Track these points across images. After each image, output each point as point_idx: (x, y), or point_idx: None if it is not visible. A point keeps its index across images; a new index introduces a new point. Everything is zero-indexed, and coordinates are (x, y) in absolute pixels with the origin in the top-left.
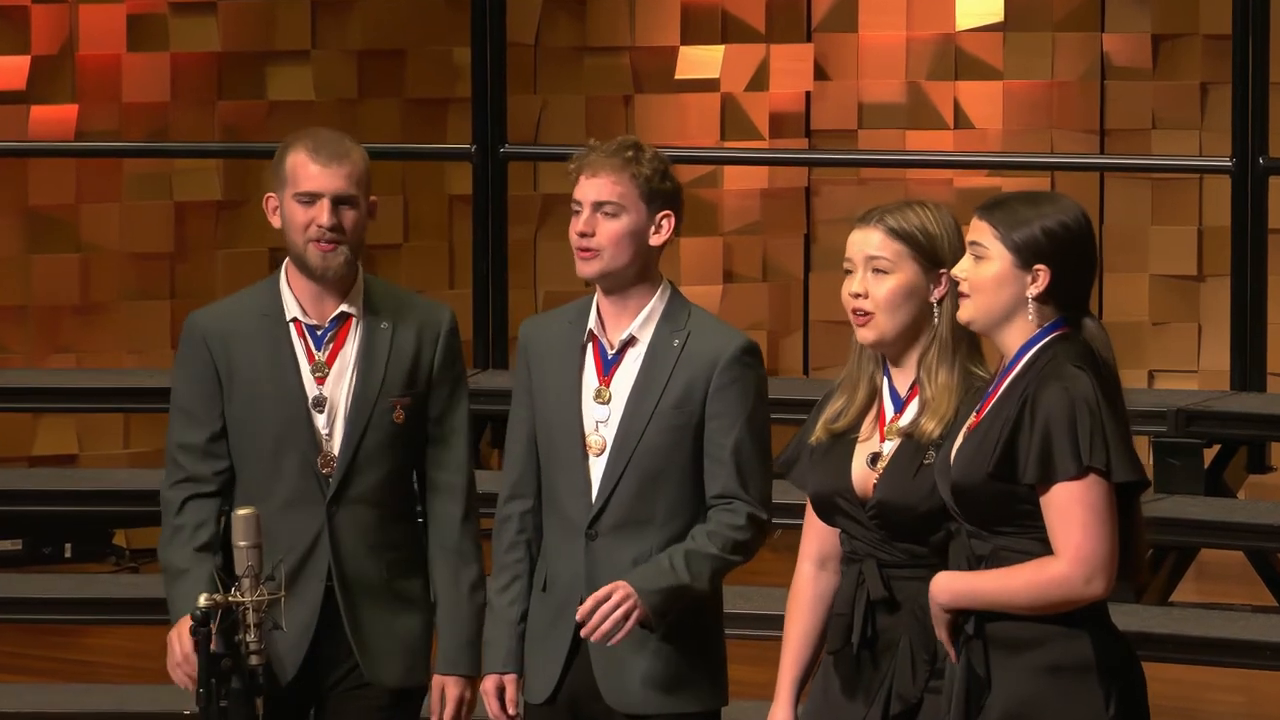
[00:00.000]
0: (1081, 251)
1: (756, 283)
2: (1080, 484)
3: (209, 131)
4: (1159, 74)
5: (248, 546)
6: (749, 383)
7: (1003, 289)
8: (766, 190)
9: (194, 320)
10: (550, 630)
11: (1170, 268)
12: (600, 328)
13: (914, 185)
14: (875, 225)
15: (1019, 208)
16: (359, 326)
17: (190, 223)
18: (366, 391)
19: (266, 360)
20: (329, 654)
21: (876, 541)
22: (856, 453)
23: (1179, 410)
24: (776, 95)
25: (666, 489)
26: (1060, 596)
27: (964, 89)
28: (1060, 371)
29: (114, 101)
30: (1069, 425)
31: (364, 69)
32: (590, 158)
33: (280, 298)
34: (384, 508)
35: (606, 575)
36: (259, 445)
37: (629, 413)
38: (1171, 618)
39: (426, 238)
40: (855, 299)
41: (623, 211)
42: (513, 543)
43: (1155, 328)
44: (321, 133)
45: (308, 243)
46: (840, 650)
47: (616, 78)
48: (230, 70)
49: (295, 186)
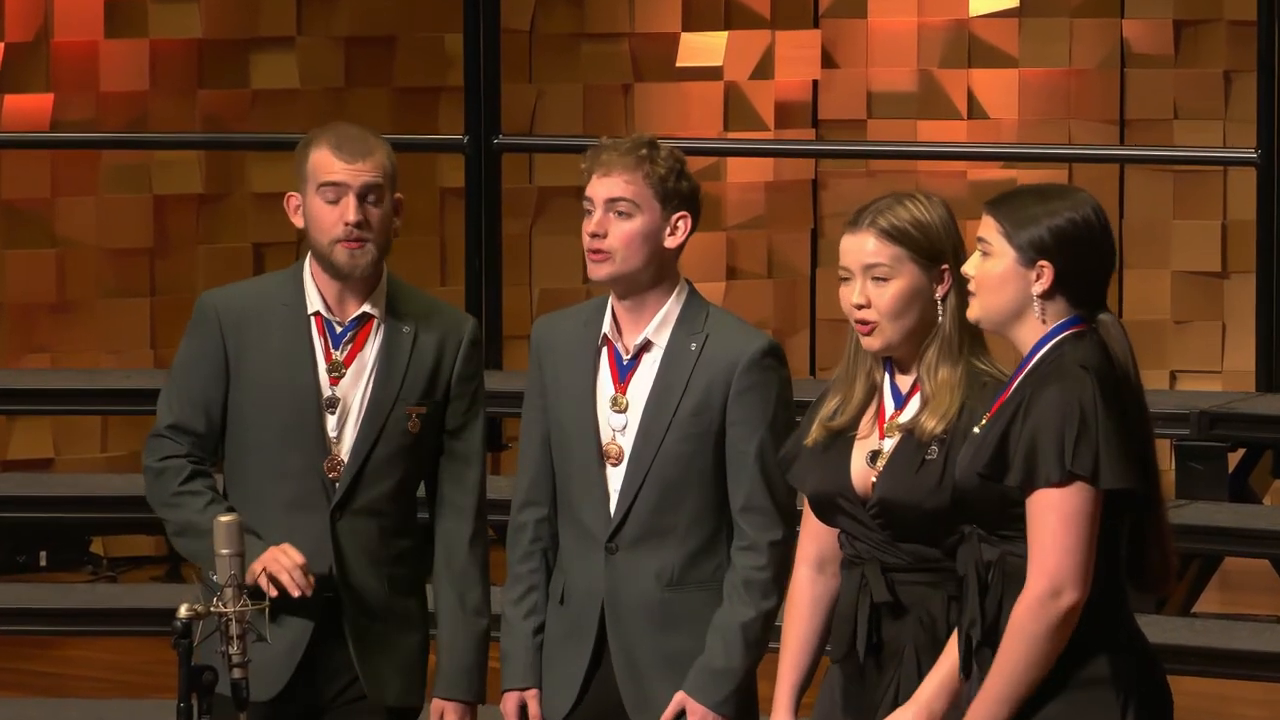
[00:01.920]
0: (1091, 248)
1: (761, 280)
2: (1061, 491)
3: (190, 121)
4: (1181, 61)
5: (230, 554)
6: (770, 386)
7: (1006, 286)
8: (772, 183)
9: (209, 298)
10: (568, 643)
11: (1193, 264)
12: (615, 332)
13: (925, 178)
14: (867, 229)
15: (1027, 203)
16: (380, 328)
17: (170, 217)
18: (383, 396)
19: (281, 351)
20: (328, 666)
21: (879, 543)
22: (855, 451)
23: (1202, 412)
24: (782, 84)
25: (688, 499)
26: (1045, 624)
27: (978, 77)
28: (1061, 373)
29: (91, 90)
30: (1058, 429)
31: (352, 56)
32: (603, 155)
33: (303, 289)
34: (387, 519)
35: (628, 589)
36: (263, 440)
37: (647, 421)
38: (1194, 629)
39: (417, 233)
40: (858, 309)
41: (636, 211)
42: (527, 552)
43: (1177, 326)
44: (345, 127)
45: (334, 243)
46: (844, 659)
47: (615, 66)
48: (212, 58)
49: (319, 181)
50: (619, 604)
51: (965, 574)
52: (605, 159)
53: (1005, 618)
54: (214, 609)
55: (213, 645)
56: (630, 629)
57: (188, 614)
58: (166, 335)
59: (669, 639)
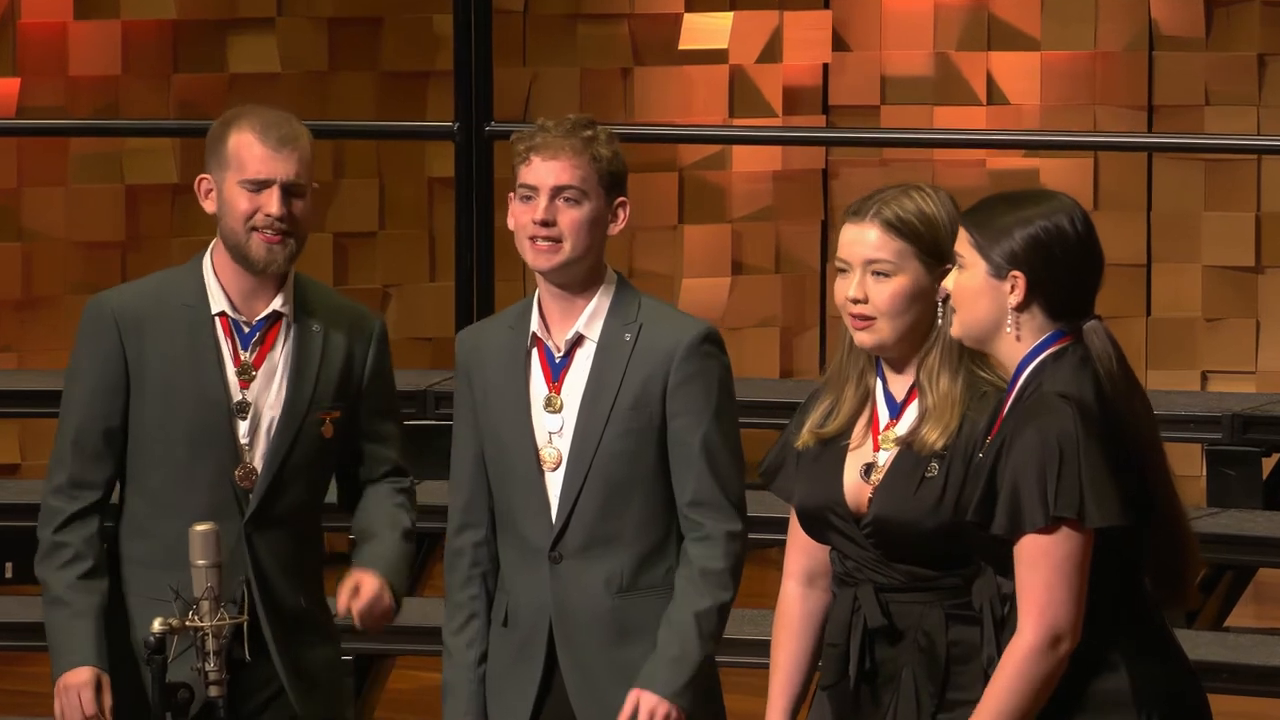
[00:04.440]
0: (1071, 256)
1: (768, 275)
2: (1048, 537)
3: (164, 108)
4: (1213, 44)
5: (207, 566)
6: (711, 374)
7: (981, 300)
8: (779, 173)
9: (103, 300)
10: (515, 667)
11: (1225, 258)
12: (544, 329)
13: (942, 167)
14: (871, 220)
15: (998, 211)
16: (290, 328)
17: (143, 208)
18: (297, 401)
19: (184, 355)
20: (245, 684)
21: (872, 562)
22: (848, 462)
23: (1235, 415)
24: (791, 67)
25: (633, 500)
26: (1045, 671)
27: (998, 60)
28: (1040, 408)
29: (59, 75)
30: (1038, 474)
31: (335, 38)
32: (543, 138)
33: (205, 288)
34: (300, 528)
35: (576, 599)
36: (170, 451)
37: (583, 419)
38: (1226, 644)
39: (404, 225)
40: (854, 304)
41: (584, 198)
42: (467, 577)
43: (1208, 324)
44: (267, 112)
45: (250, 231)
46: (835, 685)
47: (614, 49)
48: (187, 40)
49: (241, 172)
50: (567, 616)
51: (980, 608)
52: (549, 142)
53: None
54: (190, 623)
55: (188, 661)
56: (581, 641)
57: (162, 628)
58: None
59: (623, 649)
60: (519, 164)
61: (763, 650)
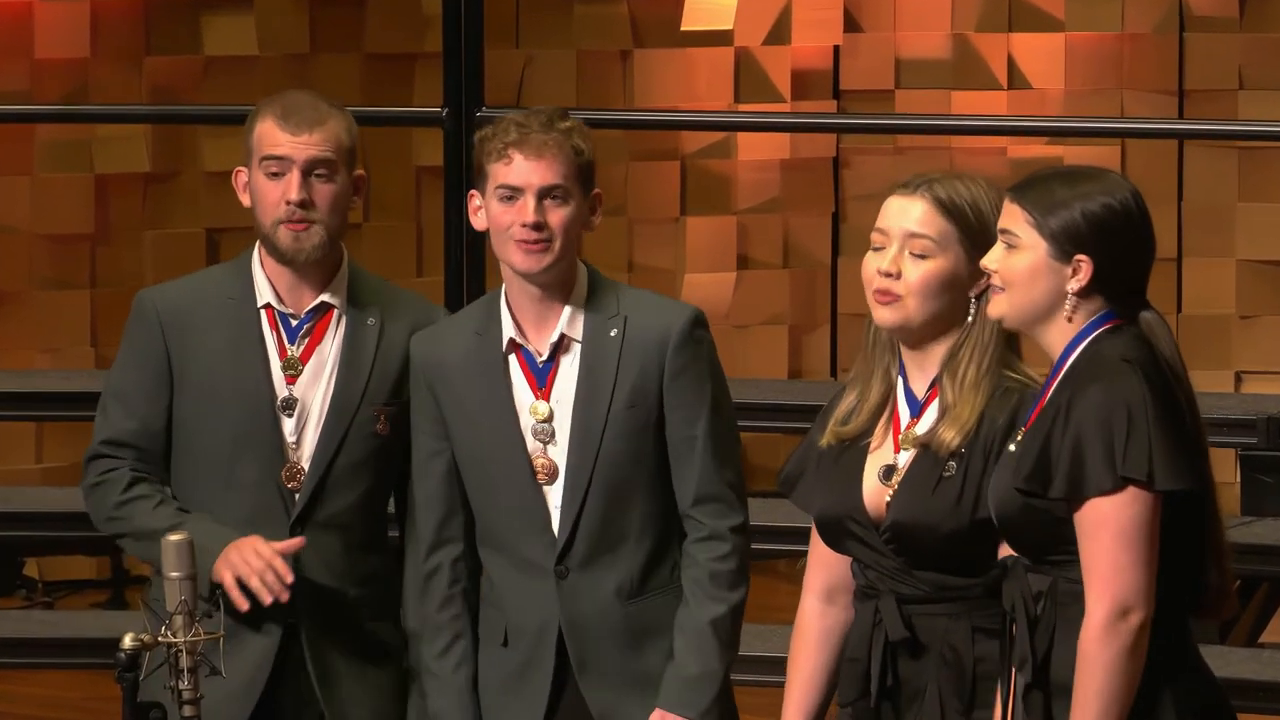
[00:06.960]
0: (1131, 237)
1: (776, 269)
2: (1114, 499)
3: (135, 92)
4: (1247, 25)
5: (180, 578)
6: (703, 360)
7: (1038, 283)
8: (788, 161)
9: (147, 297)
10: (521, 684)
11: (1260, 252)
12: (520, 334)
13: (960, 155)
14: (921, 195)
15: (1055, 188)
16: (341, 320)
17: (114, 199)
18: (347, 396)
19: (228, 350)
20: (288, 702)
21: (894, 571)
22: (868, 465)
23: (1270, 418)
24: (800, 49)
25: (636, 503)
26: (1118, 647)
27: (1019, 42)
28: (1101, 370)
29: (24, 57)
30: (1104, 431)
31: (316, 18)
32: (524, 134)
33: (252, 281)
34: (354, 534)
35: (588, 613)
36: (212, 451)
37: (579, 426)
38: (1261, 661)
39: (390, 216)
40: (884, 277)
41: (569, 196)
42: (447, 597)
43: (1243, 321)
44: (296, 95)
45: (276, 224)
46: (855, 702)
47: (612, 29)
48: (159, 20)
49: (261, 155)
50: (579, 629)
51: (1012, 607)
52: (532, 140)
53: (1058, 651)
54: (162, 639)
55: (161, 679)
56: (598, 652)
57: (133, 644)
58: (109, 332)
59: (640, 655)
60: (495, 161)
61: (771, 667)
